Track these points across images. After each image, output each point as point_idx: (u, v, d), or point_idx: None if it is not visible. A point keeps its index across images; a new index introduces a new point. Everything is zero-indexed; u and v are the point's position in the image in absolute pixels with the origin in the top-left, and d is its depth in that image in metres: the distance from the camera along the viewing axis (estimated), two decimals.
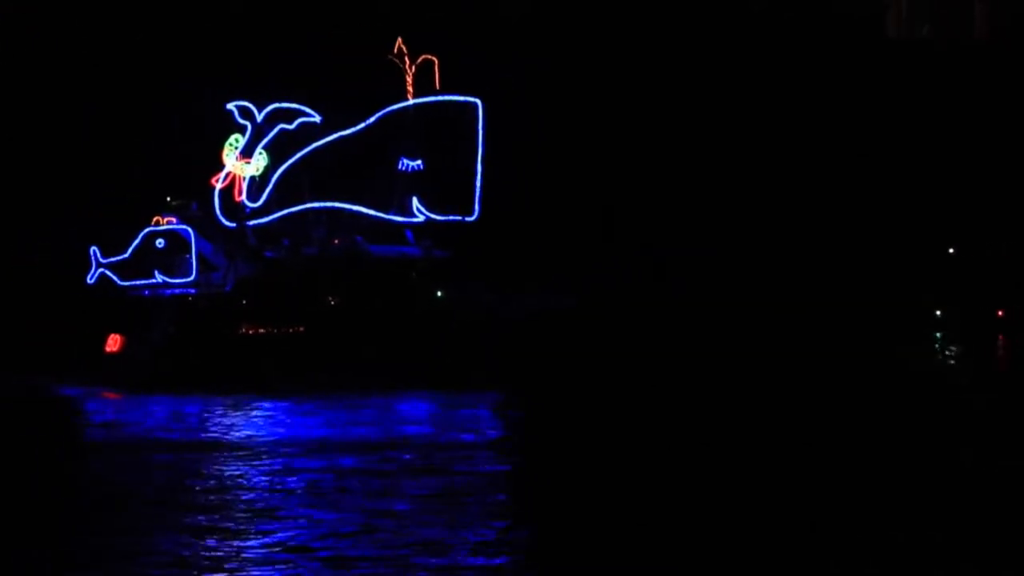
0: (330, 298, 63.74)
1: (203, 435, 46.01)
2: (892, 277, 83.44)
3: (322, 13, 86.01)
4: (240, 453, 40.14)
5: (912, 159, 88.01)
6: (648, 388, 57.76)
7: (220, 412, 52.09)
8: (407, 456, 39.14)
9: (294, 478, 35.14)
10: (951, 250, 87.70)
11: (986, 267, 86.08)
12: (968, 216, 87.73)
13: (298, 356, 61.34)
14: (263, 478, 35.28)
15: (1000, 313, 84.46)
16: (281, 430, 46.74)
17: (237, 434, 45.28)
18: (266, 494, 32.88)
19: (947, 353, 77.14)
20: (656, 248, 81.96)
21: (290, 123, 65.03)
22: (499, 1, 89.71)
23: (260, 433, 45.53)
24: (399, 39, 66.67)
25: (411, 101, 65.82)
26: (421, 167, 64.70)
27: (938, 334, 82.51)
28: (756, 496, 31.75)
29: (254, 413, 51.90)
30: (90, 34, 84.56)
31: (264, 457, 39.03)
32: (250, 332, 62.83)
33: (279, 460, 38.44)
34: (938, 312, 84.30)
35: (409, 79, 66.54)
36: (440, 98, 65.79)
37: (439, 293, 63.88)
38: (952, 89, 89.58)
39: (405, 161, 64.80)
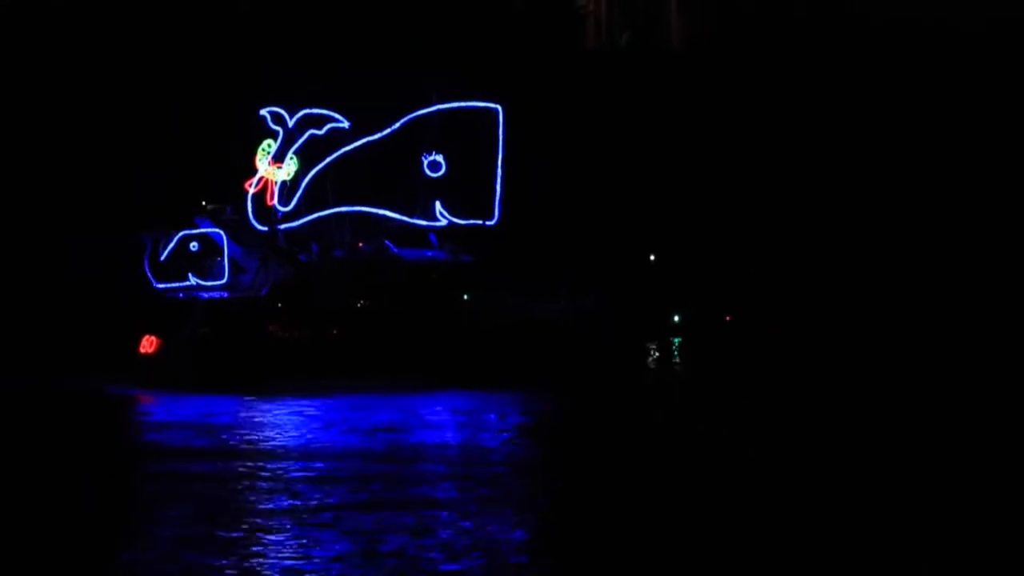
0: (359, 301, 65.61)
1: (241, 440, 47.20)
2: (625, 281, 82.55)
3: (349, 21, 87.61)
4: (284, 460, 41.24)
5: (620, 165, 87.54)
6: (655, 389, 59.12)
7: (257, 415, 53.80)
8: (432, 463, 40.54)
9: (339, 487, 35.86)
10: (652, 257, 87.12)
11: (713, 272, 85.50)
12: (689, 223, 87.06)
13: (328, 358, 63.21)
14: (307, 487, 36.05)
15: (728, 318, 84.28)
16: (310, 436, 48.05)
17: (277, 440, 46.65)
18: (312, 504, 33.39)
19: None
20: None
21: (320, 128, 66.77)
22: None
23: (296, 438, 47.09)
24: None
25: (435, 107, 67.59)
26: (444, 172, 66.43)
27: (675, 339, 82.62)
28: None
29: (290, 415, 53.33)
30: (126, 40, 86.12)
31: (307, 462, 40.14)
32: (284, 334, 64.67)
33: (319, 464, 39.60)
34: (676, 318, 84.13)
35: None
36: (462, 104, 67.61)
37: (465, 296, 65.79)
38: (649, 97, 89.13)
39: (429, 166, 66.56)
